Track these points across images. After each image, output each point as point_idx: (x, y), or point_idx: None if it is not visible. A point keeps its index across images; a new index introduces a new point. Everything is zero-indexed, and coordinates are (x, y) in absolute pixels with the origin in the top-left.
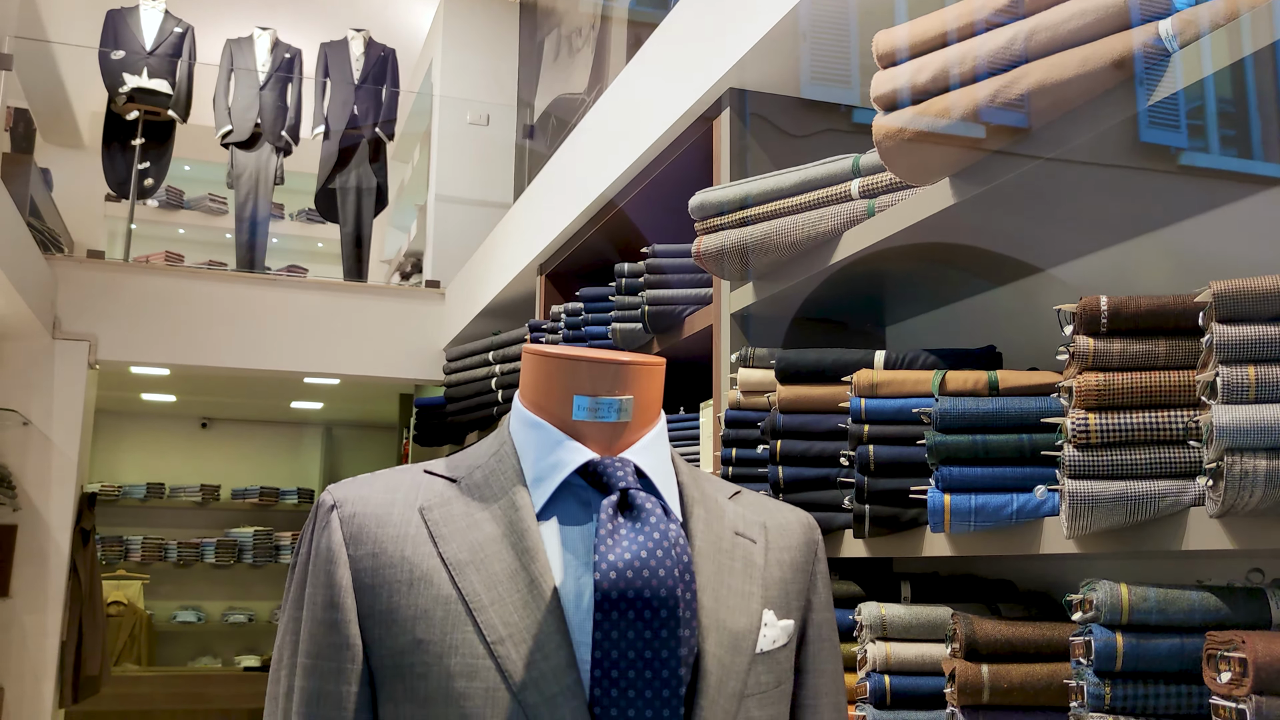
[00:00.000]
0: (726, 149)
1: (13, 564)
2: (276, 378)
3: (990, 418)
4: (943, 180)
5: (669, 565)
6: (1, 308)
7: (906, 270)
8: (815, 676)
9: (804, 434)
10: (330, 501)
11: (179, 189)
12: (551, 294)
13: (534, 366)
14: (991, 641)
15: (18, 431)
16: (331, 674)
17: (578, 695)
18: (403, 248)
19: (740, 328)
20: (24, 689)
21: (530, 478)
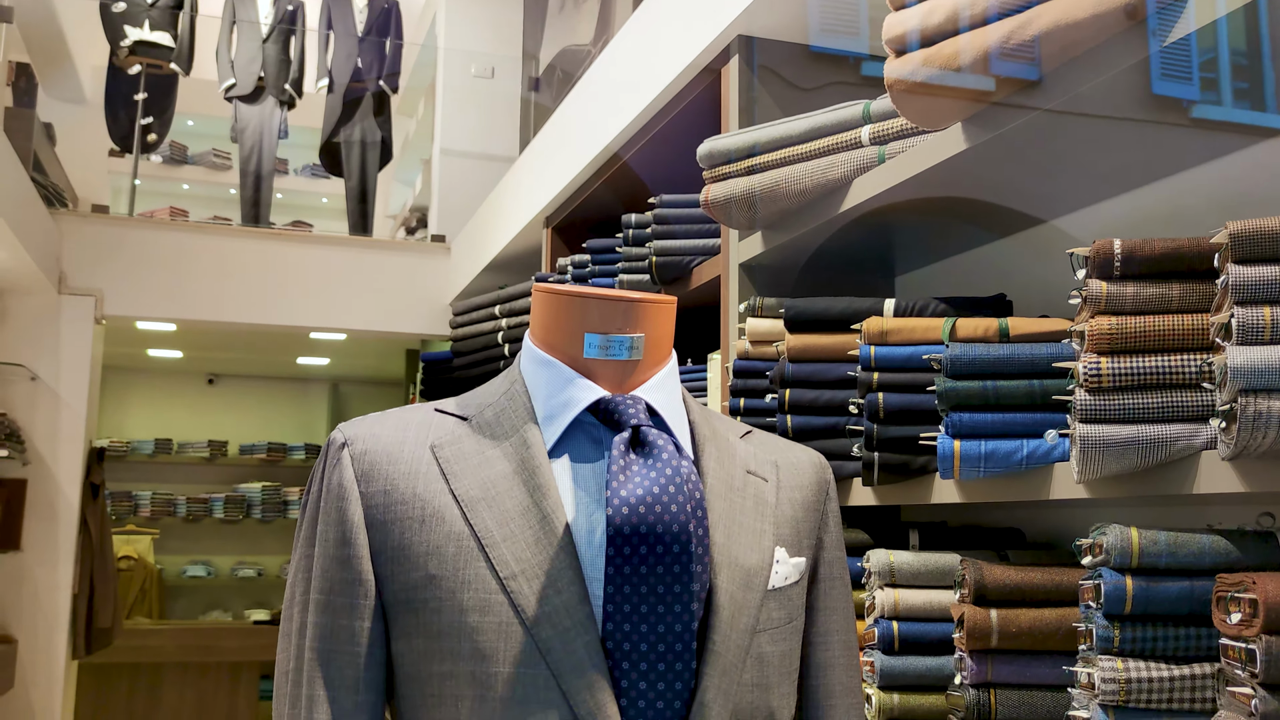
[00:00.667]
0: (735, 98)
1: (23, 518)
2: (282, 333)
3: (1001, 363)
4: (954, 125)
5: (681, 501)
6: (6, 262)
7: (916, 220)
8: (826, 614)
9: (813, 383)
10: (341, 439)
11: (182, 144)
12: (558, 247)
13: (545, 304)
14: (1000, 587)
15: (26, 386)
16: (345, 609)
17: (590, 630)
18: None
19: (748, 278)
20: (37, 641)
21: (541, 415)
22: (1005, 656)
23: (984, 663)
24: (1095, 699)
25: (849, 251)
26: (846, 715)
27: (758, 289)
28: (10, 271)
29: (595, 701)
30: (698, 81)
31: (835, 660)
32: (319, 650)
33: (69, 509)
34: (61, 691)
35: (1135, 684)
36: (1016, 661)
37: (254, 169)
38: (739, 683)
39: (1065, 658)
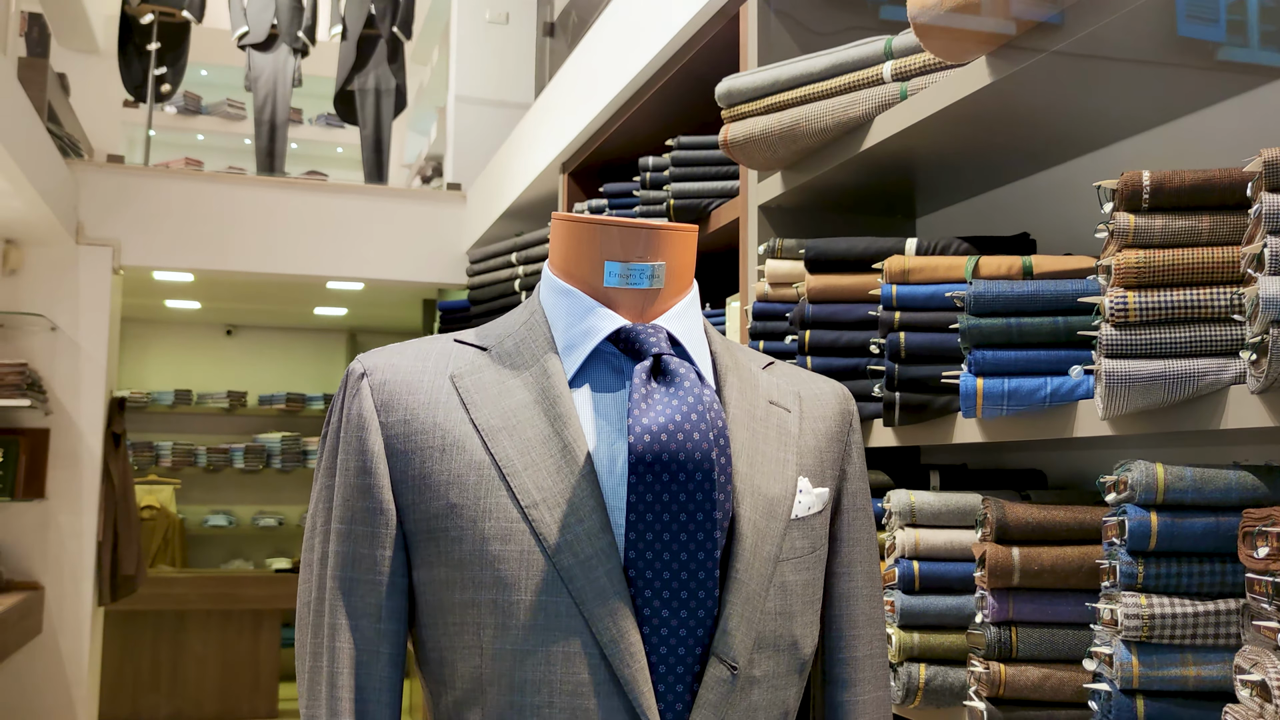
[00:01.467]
0: (753, 39)
1: (47, 467)
2: (299, 284)
3: (1025, 300)
4: (979, 60)
5: (703, 429)
6: (25, 212)
7: (938, 159)
8: (849, 545)
9: (833, 324)
10: (360, 369)
11: (196, 94)
12: (575, 192)
13: (564, 233)
14: (1022, 525)
15: (46, 337)
16: (365, 538)
17: (612, 558)
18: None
19: (767, 220)
20: (63, 587)
21: (561, 345)
22: (1027, 594)
23: (1005, 601)
24: (1118, 635)
25: (870, 192)
26: (870, 645)
27: (777, 231)
28: (29, 222)
29: (618, 628)
30: (714, 23)
31: (859, 591)
32: (341, 579)
33: (91, 458)
34: (88, 637)
35: (1159, 620)
36: (1038, 599)
37: (269, 118)
38: (762, 610)
39: (1088, 595)
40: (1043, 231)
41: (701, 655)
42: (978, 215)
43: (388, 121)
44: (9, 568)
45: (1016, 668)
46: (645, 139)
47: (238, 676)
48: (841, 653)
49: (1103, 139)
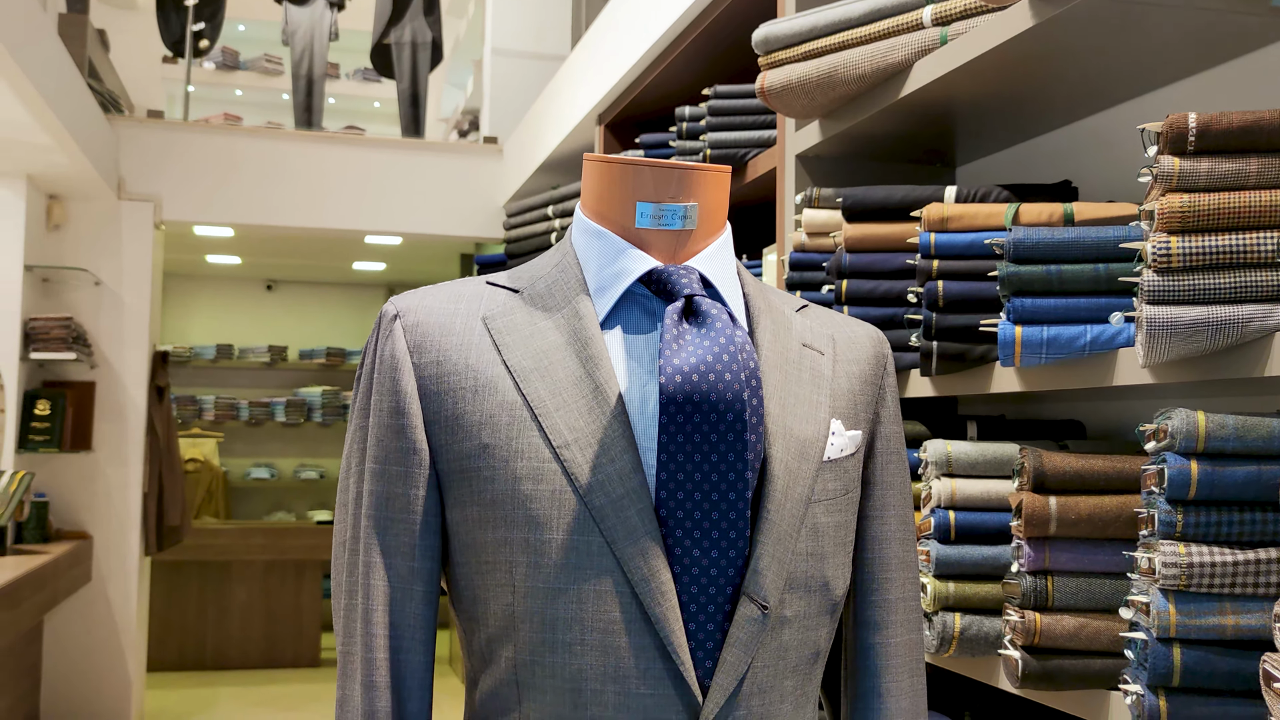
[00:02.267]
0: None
1: (93, 420)
2: (338, 238)
3: (1066, 247)
4: (1020, 1)
5: (735, 370)
6: (68, 168)
7: (979, 105)
8: (882, 489)
9: (870, 273)
10: (393, 311)
11: (234, 50)
12: (611, 144)
13: (596, 174)
14: (1060, 474)
15: (90, 291)
16: (399, 478)
17: (644, 497)
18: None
19: (805, 170)
20: (111, 537)
21: (593, 287)
22: (1064, 544)
23: (1042, 550)
24: (1155, 584)
25: (909, 140)
26: (903, 588)
27: (815, 180)
28: (72, 178)
29: (649, 567)
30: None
31: (892, 534)
32: (375, 518)
33: (136, 411)
34: (136, 585)
35: (1197, 569)
36: (1075, 549)
37: (305, 72)
38: (793, 551)
39: (1125, 545)
40: (1086, 179)
41: (732, 595)
42: (1019, 163)
43: (424, 75)
44: (59, 518)
45: (1052, 616)
46: (682, 89)
47: (281, 625)
48: (874, 595)
49: (1148, 84)
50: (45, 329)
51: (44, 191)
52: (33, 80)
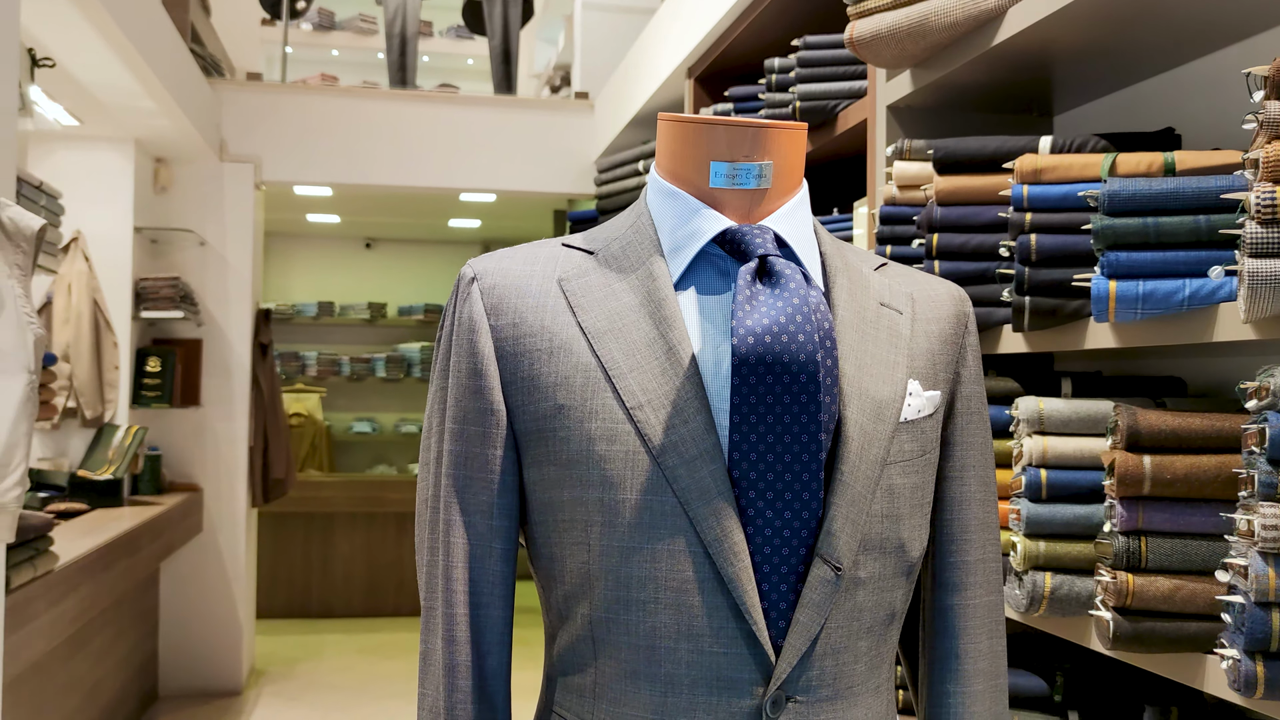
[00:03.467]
0: None
1: (201, 376)
2: (434, 196)
3: (1164, 198)
4: None
5: (809, 331)
6: (171, 132)
7: (1076, 51)
8: (963, 449)
9: (962, 227)
10: (471, 274)
11: (330, 10)
12: (701, 98)
13: (670, 134)
14: (1155, 432)
15: (195, 251)
16: (477, 438)
17: (717, 458)
18: (551, 60)
19: (896, 121)
20: (220, 489)
21: (667, 248)
22: (1158, 504)
23: (1135, 510)
24: (1255, 546)
25: (1004, 90)
26: (983, 550)
27: (906, 132)
28: (175, 141)
29: (722, 528)
30: None
31: (972, 495)
32: (455, 477)
33: (241, 367)
34: (244, 536)
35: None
36: (1170, 509)
37: (399, 31)
38: (868, 513)
39: (1223, 506)
40: (1190, 127)
41: (806, 556)
42: (1119, 111)
43: (515, 31)
44: (171, 470)
45: (1145, 578)
46: (772, 41)
47: (383, 576)
48: (952, 557)
49: (1254, 25)
50: (154, 288)
51: (151, 155)
52: (139, 48)
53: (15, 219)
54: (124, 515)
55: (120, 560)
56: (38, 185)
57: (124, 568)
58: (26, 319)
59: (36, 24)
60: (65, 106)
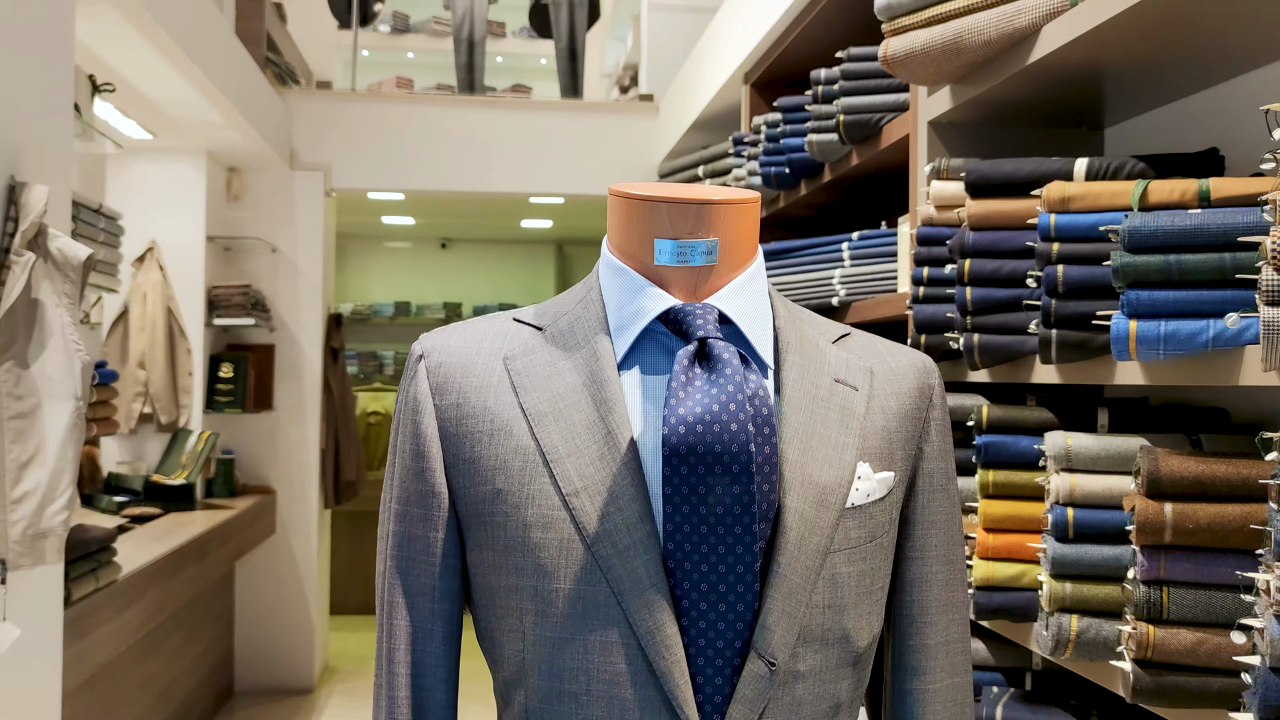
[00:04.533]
0: None
1: (273, 380)
2: (505, 197)
3: (1187, 235)
4: None
5: (742, 420)
6: (241, 143)
7: (1118, 67)
8: (923, 528)
9: (994, 252)
10: (419, 351)
11: (405, 13)
12: (757, 104)
13: (616, 209)
14: (1177, 479)
15: (268, 259)
16: (419, 520)
17: (651, 548)
18: (621, 60)
19: (938, 136)
20: (293, 491)
21: (613, 326)
22: (1181, 553)
23: (1156, 559)
24: (1271, 608)
25: (1049, 104)
26: (946, 631)
27: (950, 148)
28: (246, 151)
29: (655, 620)
30: None
31: (933, 576)
32: (398, 558)
33: (313, 371)
34: (316, 537)
35: None
36: (1194, 559)
37: (466, 35)
38: (808, 604)
39: (1250, 557)
40: (1240, 142)
41: (742, 649)
42: (1168, 125)
43: (582, 33)
44: (245, 473)
45: (1167, 630)
46: (827, 48)
47: None
48: (912, 640)
49: None
50: (227, 296)
51: (223, 165)
52: (202, 66)
53: (64, 249)
54: (196, 520)
55: (188, 566)
56: (96, 208)
57: (192, 573)
58: (74, 346)
59: (102, 47)
60: (139, 122)
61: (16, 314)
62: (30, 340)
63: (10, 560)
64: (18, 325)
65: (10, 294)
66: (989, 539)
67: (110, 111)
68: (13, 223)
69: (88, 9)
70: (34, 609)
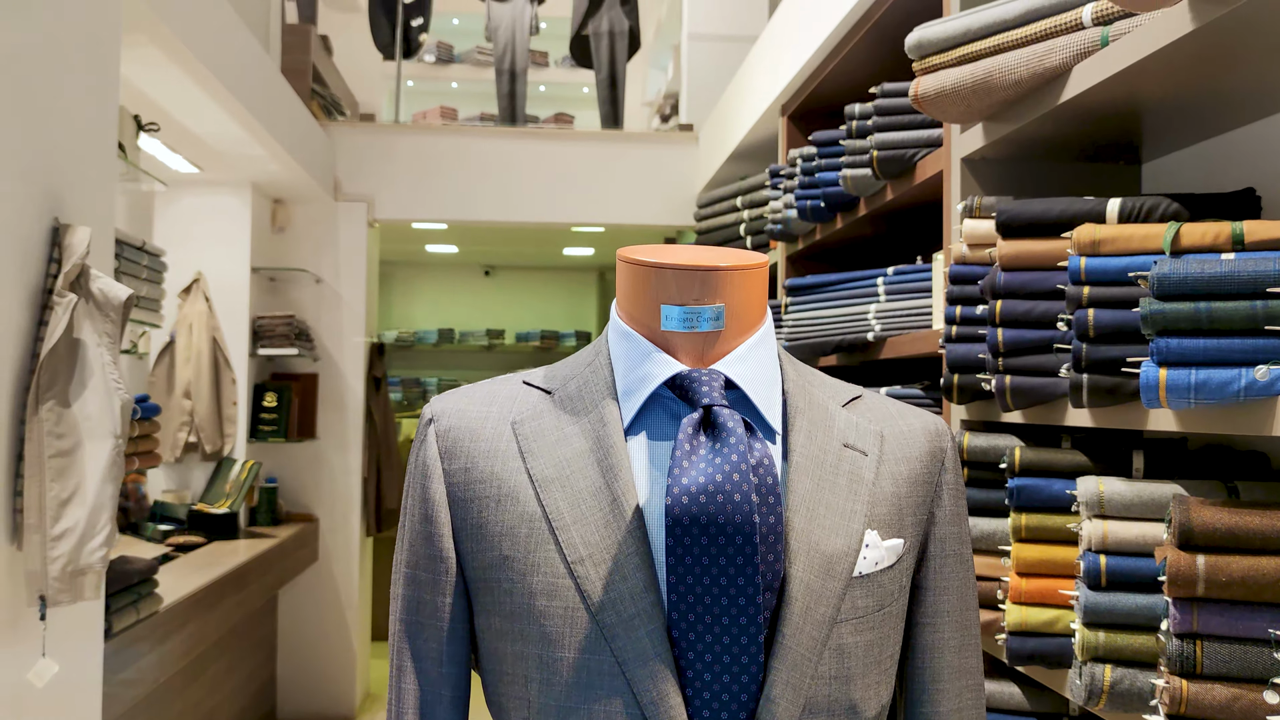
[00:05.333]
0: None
1: (316, 409)
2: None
3: (1218, 282)
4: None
5: (746, 489)
6: (285, 175)
7: (1157, 101)
8: (936, 594)
9: (1026, 293)
10: (429, 415)
11: (449, 44)
12: (794, 136)
13: (624, 274)
14: (1210, 531)
15: (311, 289)
16: (428, 584)
17: (655, 618)
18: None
19: (972, 173)
20: (335, 519)
21: (621, 390)
22: (1214, 606)
23: (1189, 612)
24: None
25: (1084, 140)
26: (958, 699)
27: (984, 184)
28: (290, 183)
29: (659, 691)
30: None
31: (945, 642)
32: (406, 622)
33: (355, 400)
34: (358, 564)
35: None
36: (1228, 613)
37: (508, 67)
38: (813, 676)
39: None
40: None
41: (747, 719)
42: (1207, 160)
43: (622, 64)
44: (288, 501)
45: (1201, 685)
46: (863, 80)
47: None
48: (924, 707)
49: None
50: (271, 326)
51: (269, 197)
52: (246, 104)
53: (105, 289)
54: (238, 549)
55: (230, 595)
56: (139, 245)
57: (234, 602)
58: (114, 385)
59: (148, 85)
60: (185, 156)
61: (58, 354)
62: (71, 380)
63: (50, 596)
64: (59, 365)
65: (53, 334)
66: (1022, 583)
67: (157, 146)
68: (56, 264)
69: (133, 51)
70: (74, 643)
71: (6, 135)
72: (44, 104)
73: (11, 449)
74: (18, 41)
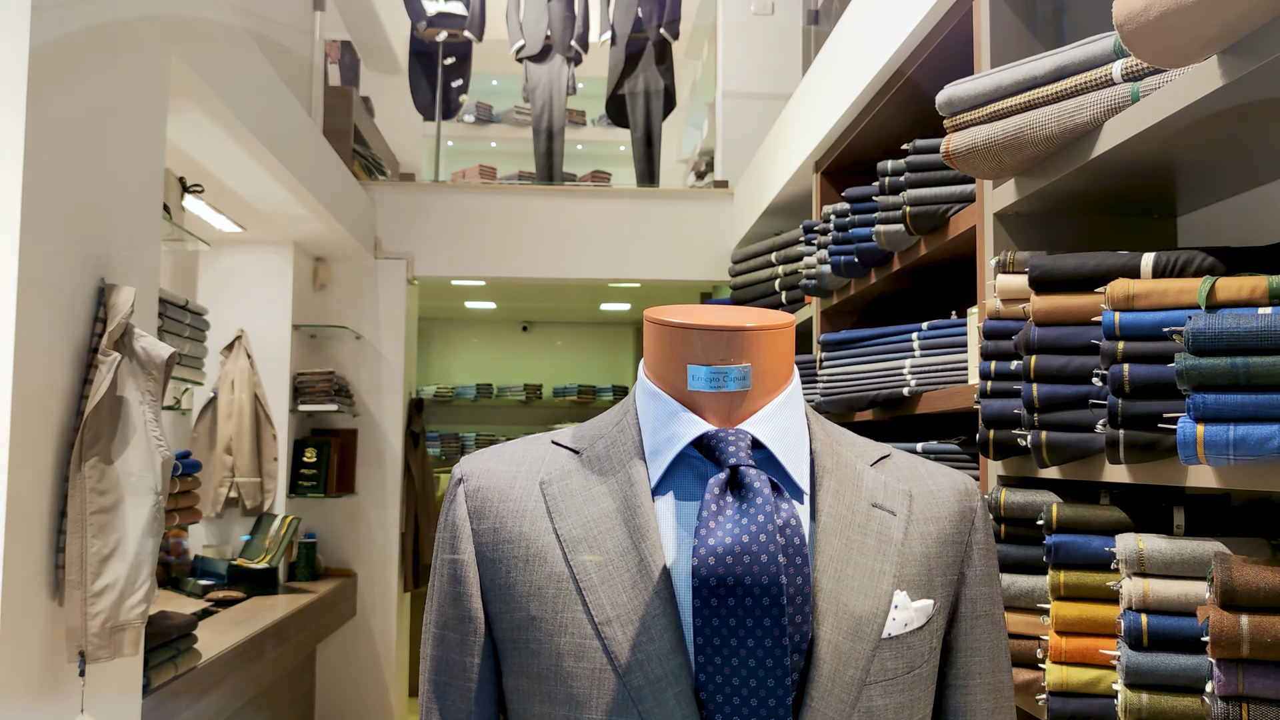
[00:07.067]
0: (986, 31)
1: (355, 465)
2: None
3: (1255, 337)
4: (1209, 59)
5: (772, 551)
6: (327, 234)
7: (1190, 156)
8: (967, 655)
9: (1060, 349)
10: (459, 475)
11: (488, 104)
12: (828, 191)
13: (651, 335)
14: (1253, 590)
15: (351, 346)
16: (456, 644)
17: (683, 680)
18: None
19: (1004, 228)
20: (373, 574)
21: (648, 450)
22: (1260, 668)
23: (1234, 673)
24: None
25: (1117, 194)
26: None
27: (1017, 239)
28: (331, 242)
29: None
30: (949, 18)
31: (977, 705)
32: (434, 682)
33: (394, 455)
34: (395, 619)
35: None
36: (1274, 674)
37: (545, 127)
38: None
39: None
40: None
41: None
42: (1244, 213)
43: (657, 122)
44: (327, 556)
45: None
46: (896, 135)
47: None
48: None
49: None
50: (311, 382)
51: (310, 255)
52: (289, 166)
53: (148, 348)
54: (277, 604)
55: (268, 650)
56: (183, 304)
57: (273, 657)
58: (156, 442)
59: (192, 148)
60: (229, 216)
61: (102, 412)
62: (114, 437)
63: (89, 653)
64: (103, 423)
65: (97, 392)
66: (1062, 642)
67: (201, 207)
68: (101, 323)
69: (179, 115)
70: (113, 698)
71: (56, 198)
72: (92, 167)
73: (55, 505)
74: (68, 106)
